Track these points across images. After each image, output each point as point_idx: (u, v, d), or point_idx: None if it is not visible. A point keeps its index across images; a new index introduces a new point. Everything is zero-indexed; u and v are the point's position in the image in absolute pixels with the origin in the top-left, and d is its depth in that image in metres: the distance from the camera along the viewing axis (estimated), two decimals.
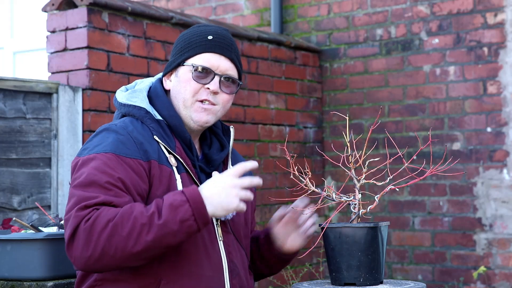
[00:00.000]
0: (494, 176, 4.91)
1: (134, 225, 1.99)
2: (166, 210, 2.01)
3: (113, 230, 1.99)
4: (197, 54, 2.26)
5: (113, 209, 2.02)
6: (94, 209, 2.02)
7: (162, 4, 6.20)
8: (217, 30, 2.30)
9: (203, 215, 2.04)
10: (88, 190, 2.05)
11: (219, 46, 2.27)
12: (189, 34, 2.31)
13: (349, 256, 2.09)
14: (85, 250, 2.01)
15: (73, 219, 2.02)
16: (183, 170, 2.21)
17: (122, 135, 2.15)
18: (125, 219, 2.00)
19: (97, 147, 2.13)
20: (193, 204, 2.03)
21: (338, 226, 2.11)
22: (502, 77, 4.91)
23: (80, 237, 2.01)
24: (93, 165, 2.09)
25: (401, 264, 5.22)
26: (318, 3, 5.61)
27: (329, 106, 5.55)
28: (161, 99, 2.28)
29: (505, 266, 4.86)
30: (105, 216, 2.00)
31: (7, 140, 3.57)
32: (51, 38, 4.00)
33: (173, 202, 2.03)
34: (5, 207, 3.53)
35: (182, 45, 2.30)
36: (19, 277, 2.62)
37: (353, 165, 2.19)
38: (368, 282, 2.10)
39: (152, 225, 2.00)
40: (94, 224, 2.00)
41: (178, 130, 2.25)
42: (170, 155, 2.20)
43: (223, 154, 2.35)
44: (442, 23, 5.13)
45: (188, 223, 2.02)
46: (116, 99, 2.33)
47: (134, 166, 2.11)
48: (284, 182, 5.08)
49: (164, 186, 2.15)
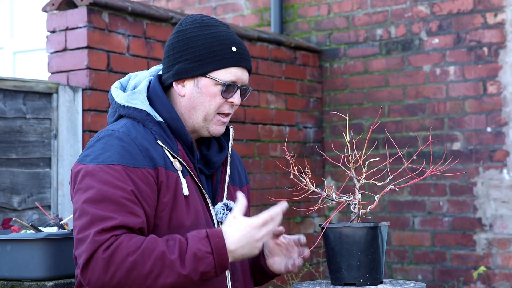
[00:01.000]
0: (494, 176, 4.91)
1: (155, 266, 1.99)
2: (189, 260, 2.00)
3: (132, 266, 1.98)
4: (223, 67, 2.20)
5: (134, 240, 2.00)
6: (113, 236, 1.99)
7: (162, 4, 6.20)
8: (234, 38, 2.23)
9: (223, 267, 2.05)
10: (102, 208, 2.01)
11: (244, 59, 2.23)
12: (207, 39, 2.21)
13: (349, 256, 2.09)
14: (101, 277, 2.00)
15: (90, 244, 1.99)
16: (187, 174, 2.19)
17: (126, 143, 2.10)
18: (146, 257, 1.99)
19: (101, 156, 2.08)
20: (217, 257, 2.02)
21: (338, 226, 2.11)
22: (502, 77, 4.91)
23: (98, 265, 1.99)
24: (101, 179, 2.04)
25: (401, 264, 5.22)
26: (318, 3, 5.61)
27: (329, 106, 5.55)
28: (161, 100, 2.23)
29: (505, 266, 4.86)
30: (126, 248, 1.98)
31: (7, 140, 3.57)
32: (51, 38, 4.00)
33: (197, 252, 2.01)
34: (5, 207, 3.53)
35: (201, 52, 2.20)
36: (19, 277, 2.62)
37: (353, 165, 2.19)
38: (368, 282, 2.10)
39: (173, 271, 2.00)
40: (114, 255, 1.98)
41: (180, 133, 2.21)
42: (174, 159, 2.17)
43: (223, 156, 2.32)
44: (442, 23, 5.13)
45: (209, 275, 2.03)
46: (112, 98, 2.27)
47: (142, 176, 2.08)
48: (284, 182, 5.08)
49: (171, 191, 2.13)
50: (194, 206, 2.17)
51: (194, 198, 2.18)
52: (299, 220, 5.28)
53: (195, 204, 2.17)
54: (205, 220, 2.20)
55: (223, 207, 2.24)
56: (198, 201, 2.19)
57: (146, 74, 2.34)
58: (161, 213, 2.12)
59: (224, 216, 2.23)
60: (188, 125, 2.26)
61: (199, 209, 2.18)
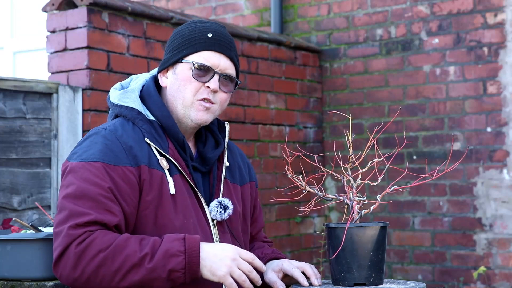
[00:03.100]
0: (494, 176, 4.91)
1: (124, 262, 1.99)
2: (159, 255, 2.00)
3: (102, 262, 1.99)
4: (196, 51, 2.22)
5: (108, 236, 2.01)
6: (86, 231, 2.01)
7: (162, 4, 6.20)
8: (215, 28, 2.25)
9: (194, 271, 2.02)
10: (79, 204, 2.03)
11: (219, 44, 2.23)
12: (186, 30, 2.26)
13: (361, 256, 2.08)
14: (72, 272, 2.01)
15: (64, 238, 2.02)
16: (176, 172, 2.18)
17: (110, 141, 2.12)
18: (117, 254, 2.00)
19: (85, 154, 2.11)
20: (189, 258, 2.02)
21: (350, 226, 2.09)
22: (502, 77, 4.91)
23: (69, 259, 2.01)
24: (82, 175, 2.07)
25: (401, 264, 5.22)
26: (318, 3, 5.61)
27: (329, 106, 5.55)
28: (153, 99, 2.24)
29: (505, 266, 4.86)
30: (98, 245, 2.00)
31: (7, 140, 3.57)
32: (51, 38, 4.00)
33: (169, 249, 2.01)
34: (5, 207, 3.53)
35: (179, 41, 2.24)
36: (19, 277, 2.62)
37: (351, 165, 2.19)
38: (377, 281, 2.10)
39: (142, 266, 1.99)
40: (86, 250, 2.00)
41: (172, 131, 2.21)
42: (161, 158, 2.17)
43: (218, 152, 2.31)
44: (442, 23, 5.13)
45: (177, 274, 2.01)
46: (108, 98, 2.29)
47: (122, 174, 2.08)
48: (284, 182, 5.08)
49: (155, 190, 2.13)
50: (182, 205, 2.16)
51: (183, 197, 2.16)
52: (299, 220, 5.28)
53: (183, 202, 2.16)
54: (197, 219, 2.18)
55: (217, 205, 2.23)
56: (188, 199, 2.18)
57: (146, 76, 2.36)
58: (145, 212, 2.12)
59: (218, 214, 2.22)
60: (179, 120, 2.25)
61: (189, 207, 2.17)
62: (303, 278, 2.19)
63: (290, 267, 2.22)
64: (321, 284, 2.19)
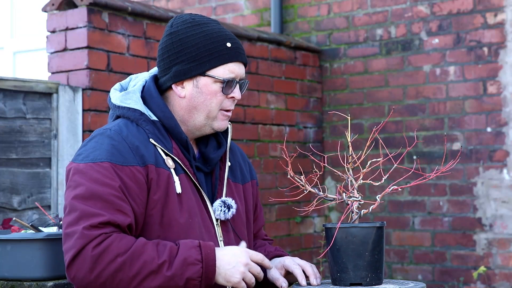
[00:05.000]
0: (494, 176, 4.91)
1: (142, 268, 2.00)
2: (178, 263, 2.02)
3: (120, 266, 1.99)
4: (221, 64, 2.21)
5: (124, 240, 2.01)
6: (102, 234, 2.00)
7: (162, 4, 6.20)
8: (227, 34, 2.24)
9: (210, 280, 2.05)
10: (90, 204, 2.02)
11: (239, 53, 2.24)
12: (200, 38, 2.21)
13: (356, 256, 2.08)
14: (88, 275, 2.00)
15: (78, 239, 2.00)
16: (181, 171, 2.19)
17: (116, 141, 2.12)
18: (135, 259, 2.00)
19: (92, 154, 2.10)
20: (206, 267, 2.04)
21: (345, 226, 2.10)
22: (502, 77, 4.91)
23: (86, 261, 2.00)
24: (91, 176, 2.06)
25: (401, 264, 5.22)
26: (318, 3, 5.61)
27: (329, 106, 5.55)
28: (155, 100, 2.24)
29: (505, 266, 4.86)
30: (116, 249, 1.99)
31: (7, 140, 3.57)
32: (51, 38, 4.00)
33: (187, 257, 2.03)
34: (5, 207, 3.53)
35: (196, 52, 2.20)
36: (19, 277, 2.62)
37: (351, 165, 2.19)
38: (374, 282, 2.09)
39: (160, 274, 2.01)
40: (103, 254, 1.99)
41: (174, 132, 2.22)
42: (167, 157, 2.17)
43: (220, 152, 2.32)
44: (442, 23, 5.13)
45: (194, 283, 2.03)
46: (110, 100, 2.29)
47: (130, 174, 2.09)
48: (284, 182, 5.08)
49: (162, 189, 2.14)
50: (187, 204, 2.16)
51: (188, 196, 2.17)
52: (299, 220, 5.28)
53: (189, 202, 2.17)
54: (201, 218, 2.19)
55: (220, 204, 2.24)
56: (193, 199, 2.19)
57: (146, 76, 2.35)
58: (152, 211, 2.12)
59: (222, 213, 2.23)
60: (188, 124, 2.26)
61: (194, 207, 2.18)
62: (302, 277, 2.20)
63: (292, 264, 2.24)
64: (320, 284, 2.19)
